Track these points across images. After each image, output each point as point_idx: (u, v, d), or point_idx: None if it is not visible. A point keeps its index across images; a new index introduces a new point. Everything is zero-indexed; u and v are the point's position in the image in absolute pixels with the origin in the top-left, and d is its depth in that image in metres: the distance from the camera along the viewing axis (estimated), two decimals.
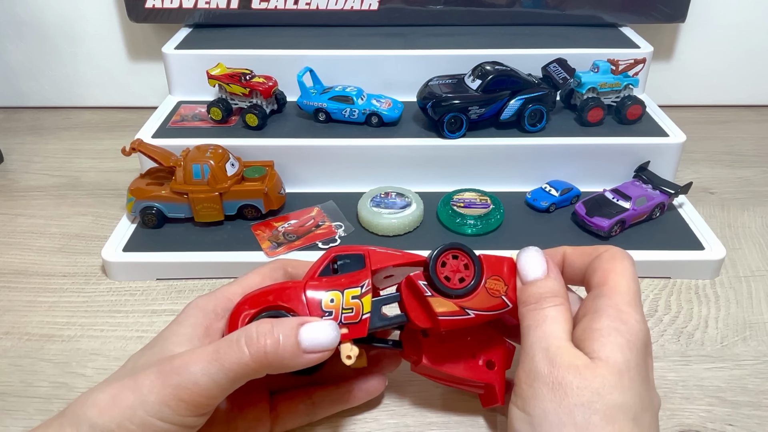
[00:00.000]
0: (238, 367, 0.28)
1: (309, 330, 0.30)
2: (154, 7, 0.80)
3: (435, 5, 0.81)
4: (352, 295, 0.33)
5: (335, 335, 0.30)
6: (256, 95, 0.67)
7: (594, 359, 0.28)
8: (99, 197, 0.69)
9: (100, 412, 0.28)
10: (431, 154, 0.64)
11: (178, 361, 0.29)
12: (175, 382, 0.28)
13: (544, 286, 0.33)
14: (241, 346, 0.29)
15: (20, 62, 0.90)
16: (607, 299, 0.31)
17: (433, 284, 0.34)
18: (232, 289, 0.36)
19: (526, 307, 0.33)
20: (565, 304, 0.32)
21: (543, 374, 0.28)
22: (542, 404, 0.27)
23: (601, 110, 0.66)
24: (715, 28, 0.87)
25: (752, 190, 0.71)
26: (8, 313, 0.52)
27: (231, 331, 0.32)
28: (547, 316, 0.31)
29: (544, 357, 0.29)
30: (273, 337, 0.29)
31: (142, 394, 0.28)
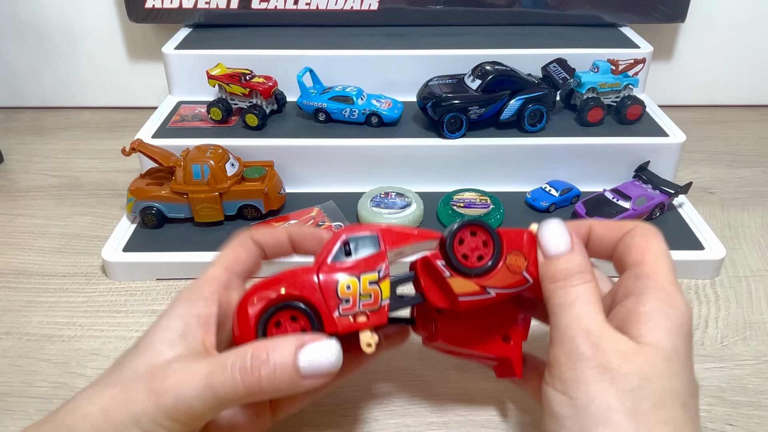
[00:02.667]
0: (232, 396, 0.28)
1: (309, 353, 0.28)
2: (154, 7, 0.80)
3: (435, 5, 0.81)
4: (369, 280, 0.31)
5: (337, 358, 0.29)
6: (256, 95, 0.67)
7: (642, 344, 0.27)
8: (99, 197, 0.69)
9: (92, 427, 0.27)
10: (431, 154, 0.64)
11: (170, 380, 0.28)
12: (168, 403, 0.27)
13: (572, 261, 0.31)
14: (236, 375, 0.27)
15: (20, 62, 0.90)
16: (651, 280, 0.29)
17: (450, 263, 0.32)
18: (212, 270, 0.34)
19: (553, 283, 0.31)
20: (594, 281, 0.30)
21: (587, 357, 0.27)
22: (587, 388, 0.26)
23: (601, 110, 0.66)
24: (715, 28, 0.87)
25: (752, 190, 0.71)
26: (8, 313, 0.52)
27: (240, 328, 0.31)
28: (580, 294, 0.29)
29: (586, 339, 0.27)
30: (268, 368, 0.28)
31: (134, 412, 0.27)
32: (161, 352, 0.29)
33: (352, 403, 0.43)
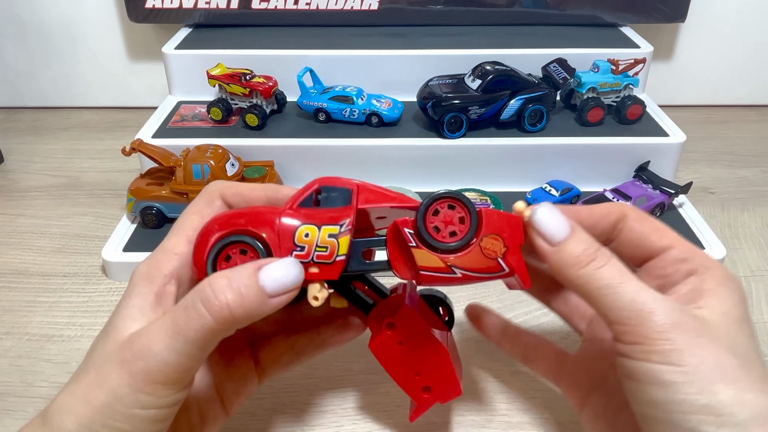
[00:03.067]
0: (203, 334, 0.26)
1: (269, 272, 0.27)
2: (154, 7, 0.80)
3: (435, 5, 0.81)
4: (329, 233, 0.30)
5: (298, 271, 0.28)
6: (256, 95, 0.67)
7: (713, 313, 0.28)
8: (99, 197, 0.69)
9: (76, 419, 0.26)
10: (431, 154, 0.64)
11: (137, 344, 0.27)
12: (141, 367, 0.26)
13: (586, 240, 0.30)
14: (200, 310, 0.26)
15: (20, 62, 0.90)
16: (702, 259, 0.30)
17: (419, 234, 0.30)
18: (172, 242, 0.31)
19: (582, 268, 0.29)
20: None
21: (678, 324, 0.26)
22: (694, 352, 0.26)
23: (601, 110, 0.66)
24: (715, 28, 0.87)
25: (752, 190, 0.71)
26: (8, 313, 0.52)
27: (199, 255, 0.30)
28: (620, 269, 0.28)
29: (666, 308, 0.27)
30: (233, 291, 0.26)
31: (112, 389, 0.26)
32: (125, 328, 0.28)
33: (352, 403, 0.43)
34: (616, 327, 0.28)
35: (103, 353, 0.28)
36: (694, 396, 0.25)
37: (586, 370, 0.36)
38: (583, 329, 0.37)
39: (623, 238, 0.32)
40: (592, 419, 0.34)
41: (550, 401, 0.43)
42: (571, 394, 0.36)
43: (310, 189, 0.31)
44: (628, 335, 0.27)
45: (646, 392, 0.27)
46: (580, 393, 0.35)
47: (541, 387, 0.44)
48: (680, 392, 0.26)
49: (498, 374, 0.45)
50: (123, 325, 0.28)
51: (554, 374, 0.38)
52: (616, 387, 0.32)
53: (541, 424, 0.41)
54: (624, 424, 0.32)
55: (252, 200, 0.33)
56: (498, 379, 0.45)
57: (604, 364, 0.34)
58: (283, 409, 0.43)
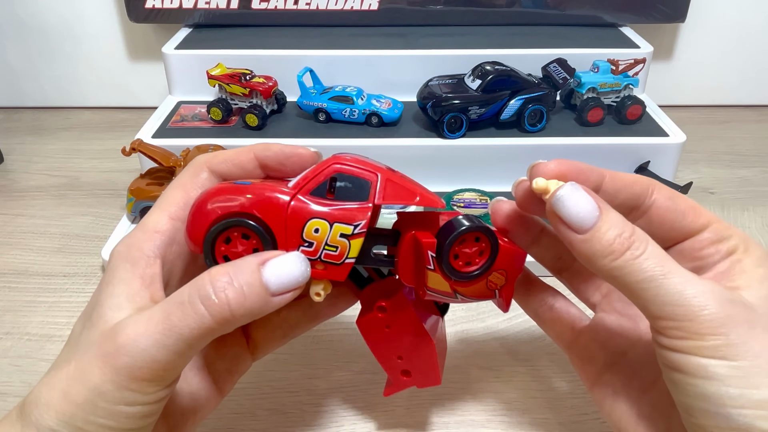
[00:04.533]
0: (199, 333, 0.25)
1: (273, 269, 0.25)
2: (154, 7, 0.80)
3: (435, 5, 0.81)
4: (341, 232, 0.27)
5: (304, 268, 0.26)
6: (256, 95, 0.67)
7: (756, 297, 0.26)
8: (99, 197, 0.69)
9: (56, 414, 0.25)
10: (431, 154, 0.64)
11: (122, 337, 0.25)
12: (126, 363, 0.24)
13: (617, 222, 0.26)
14: (198, 308, 0.25)
15: (20, 62, 0.89)
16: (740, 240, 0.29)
17: (439, 257, 0.30)
18: (153, 219, 0.29)
19: (618, 258, 0.26)
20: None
21: (730, 317, 0.25)
22: (748, 345, 0.25)
23: (601, 110, 0.66)
24: (715, 28, 0.87)
25: (752, 190, 0.71)
26: (8, 313, 0.52)
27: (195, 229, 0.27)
28: (661, 256, 0.26)
29: (715, 301, 0.25)
30: (235, 290, 0.25)
31: (94, 385, 0.25)
32: (112, 318, 0.26)
33: (352, 403, 0.43)
34: (660, 322, 0.26)
35: (86, 344, 0.26)
36: (750, 390, 0.24)
37: (601, 345, 0.33)
38: (597, 301, 0.35)
39: (654, 215, 0.29)
40: (608, 397, 0.32)
41: (551, 401, 0.43)
42: (583, 368, 0.34)
43: (325, 172, 0.28)
44: (675, 331, 0.25)
45: (696, 385, 0.25)
46: (594, 368, 0.33)
47: (541, 387, 0.44)
48: (735, 386, 0.24)
49: (498, 374, 0.45)
50: (110, 315, 0.26)
51: (566, 342, 0.35)
52: (638, 365, 0.31)
53: (541, 424, 0.41)
54: (650, 405, 0.30)
55: (241, 163, 0.31)
56: (498, 379, 0.45)
57: (624, 341, 0.33)
58: (283, 409, 0.43)
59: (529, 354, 0.47)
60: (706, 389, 0.25)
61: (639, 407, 0.30)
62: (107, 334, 0.26)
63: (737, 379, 0.24)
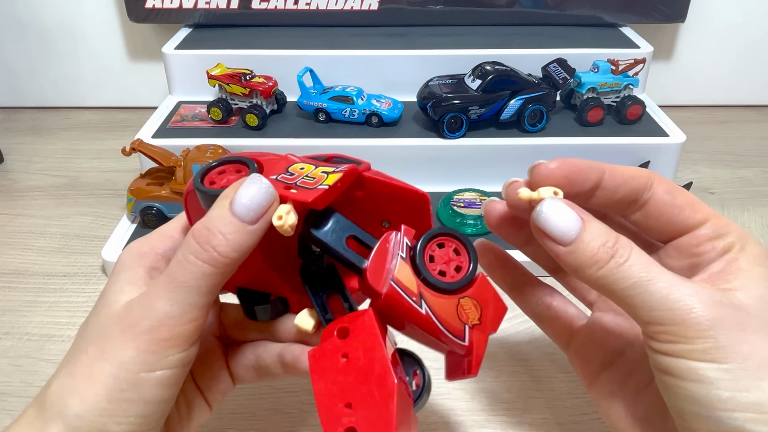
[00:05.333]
0: (204, 280, 0.26)
1: (238, 200, 0.26)
2: (154, 7, 0.80)
3: (435, 5, 0.81)
4: (323, 169, 0.28)
5: (265, 186, 0.26)
6: (256, 95, 0.67)
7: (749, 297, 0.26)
8: (99, 197, 0.69)
9: (81, 399, 0.26)
10: (431, 154, 0.64)
11: (137, 308, 0.27)
12: (145, 327, 0.26)
13: (601, 232, 0.27)
14: (193, 261, 0.26)
15: (20, 62, 0.90)
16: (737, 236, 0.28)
17: (413, 252, 0.28)
18: (170, 225, 0.32)
19: (603, 267, 0.26)
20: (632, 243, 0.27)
21: (719, 319, 0.25)
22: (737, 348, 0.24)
23: (601, 110, 0.66)
24: (715, 28, 0.87)
25: (752, 190, 0.71)
26: (8, 313, 0.52)
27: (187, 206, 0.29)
28: (645, 262, 0.26)
29: (703, 303, 0.25)
30: (215, 237, 0.26)
31: (116, 357, 0.26)
32: (118, 301, 0.28)
33: None
34: (649, 327, 0.26)
35: (98, 329, 0.27)
36: (740, 393, 0.24)
37: (598, 345, 0.33)
38: (594, 300, 0.35)
39: (651, 210, 0.29)
40: (605, 397, 0.32)
41: (550, 401, 0.43)
42: (581, 368, 0.34)
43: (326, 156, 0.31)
44: (665, 335, 0.25)
45: (686, 388, 0.25)
46: (591, 368, 0.33)
47: (541, 387, 0.44)
48: (725, 389, 0.24)
49: (498, 374, 0.45)
50: (114, 299, 0.28)
51: (564, 342, 0.35)
52: (635, 365, 0.31)
53: (541, 424, 0.41)
54: (646, 406, 0.30)
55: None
56: (498, 379, 0.45)
57: (621, 341, 0.32)
58: (283, 409, 0.43)
59: (528, 354, 0.47)
60: (696, 392, 0.25)
61: (635, 408, 0.30)
62: (122, 311, 0.27)
63: (727, 382, 0.24)
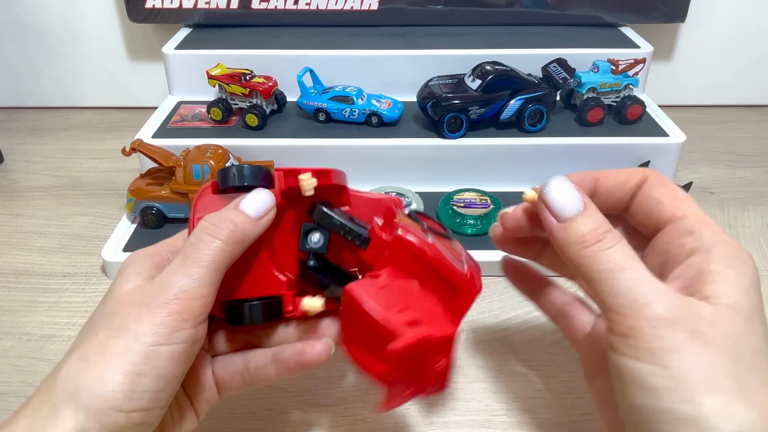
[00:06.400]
0: (216, 256, 0.29)
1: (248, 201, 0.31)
2: (154, 7, 0.80)
3: (435, 5, 0.81)
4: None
5: (270, 195, 0.31)
6: (256, 95, 0.67)
7: (719, 305, 0.25)
8: (99, 197, 0.69)
9: (95, 375, 0.25)
10: (431, 154, 0.64)
11: (151, 287, 0.28)
12: (161, 301, 0.27)
13: (597, 219, 0.27)
14: (206, 239, 0.29)
15: (20, 62, 0.90)
16: (711, 234, 0.27)
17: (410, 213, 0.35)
18: (176, 237, 0.35)
19: (587, 248, 0.27)
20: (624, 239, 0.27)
21: (675, 322, 0.24)
22: (684, 355, 0.24)
23: (601, 110, 0.66)
24: (715, 28, 0.87)
25: (752, 190, 0.71)
26: (8, 313, 0.52)
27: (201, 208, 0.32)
28: (626, 254, 0.26)
29: (665, 302, 0.25)
30: (224, 219, 0.30)
31: (130, 331, 0.27)
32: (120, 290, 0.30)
33: (352, 402, 0.43)
34: (609, 315, 0.26)
35: (108, 314, 0.28)
36: (678, 405, 0.23)
37: (595, 350, 0.33)
38: None
39: (636, 204, 0.30)
40: (597, 401, 0.32)
41: (550, 401, 0.43)
42: (584, 369, 0.34)
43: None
44: (620, 325, 0.25)
45: (630, 395, 0.25)
46: (590, 371, 0.33)
47: (541, 387, 0.44)
48: (664, 399, 0.24)
49: (498, 374, 0.45)
50: (123, 287, 0.29)
51: (576, 343, 0.36)
52: None
53: (541, 424, 0.41)
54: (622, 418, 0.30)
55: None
56: (498, 379, 0.45)
57: None
58: (283, 409, 0.43)
59: (529, 354, 0.47)
60: (638, 399, 0.25)
61: (616, 417, 0.30)
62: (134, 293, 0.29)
63: (667, 392, 0.24)
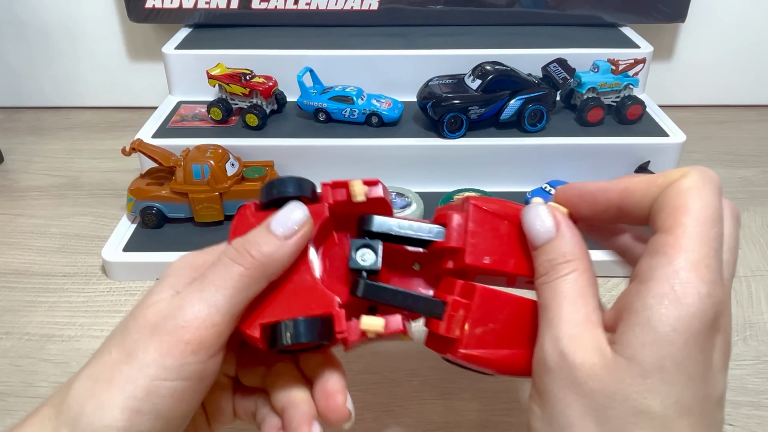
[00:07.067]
0: (233, 282, 0.27)
1: (277, 218, 0.29)
2: (154, 7, 0.80)
3: (435, 5, 0.81)
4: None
5: (302, 209, 0.29)
6: (256, 95, 0.67)
7: (616, 355, 0.23)
8: (99, 197, 0.69)
9: (98, 404, 0.25)
10: (431, 154, 0.64)
11: (167, 307, 0.27)
12: (171, 326, 0.26)
13: (553, 250, 0.26)
14: (227, 262, 0.28)
15: (20, 62, 0.90)
16: (665, 259, 0.23)
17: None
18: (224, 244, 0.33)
19: (537, 279, 0.27)
20: (581, 269, 0.26)
21: (553, 368, 0.24)
22: (555, 402, 0.24)
23: (601, 110, 0.66)
24: (715, 28, 0.87)
25: (752, 190, 0.71)
26: (8, 313, 0.52)
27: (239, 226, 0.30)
28: (558, 290, 0.25)
29: (554, 347, 0.24)
30: (250, 243, 0.28)
31: (138, 359, 0.25)
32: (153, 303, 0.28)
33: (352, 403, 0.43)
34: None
35: (126, 329, 0.27)
36: None
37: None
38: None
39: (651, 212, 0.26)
40: None
41: None
42: None
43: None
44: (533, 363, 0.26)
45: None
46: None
47: None
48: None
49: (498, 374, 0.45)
50: (151, 301, 0.28)
51: None
52: None
53: None
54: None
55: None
56: (498, 379, 0.45)
57: None
58: None
59: None
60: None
61: None
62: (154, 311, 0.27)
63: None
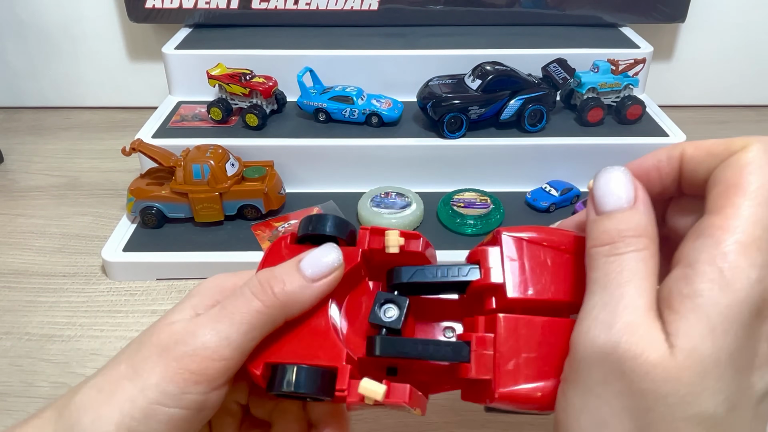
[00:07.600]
0: (250, 317, 0.26)
1: (308, 258, 0.28)
2: (154, 7, 0.80)
3: (435, 5, 0.81)
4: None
5: (337, 253, 0.28)
6: (256, 95, 0.67)
7: (673, 347, 0.20)
8: (99, 197, 0.69)
9: (95, 417, 0.24)
10: (431, 154, 0.64)
11: (180, 331, 0.26)
12: (179, 352, 0.25)
13: (627, 220, 0.23)
14: (248, 295, 0.27)
15: (20, 62, 0.90)
16: (712, 241, 0.21)
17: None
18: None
19: (595, 248, 0.23)
20: (651, 249, 0.22)
21: (597, 359, 0.21)
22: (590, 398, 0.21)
23: (601, 110, 0.66)
24: (714, 28, 0.87)
25: None
26: (8, 313, 0.52)
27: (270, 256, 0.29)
28: (625, 266, 0.22)
29: (605, 334, 0.21)
30: (276, 278, 0.27)
31: (141, 378, 0.25)
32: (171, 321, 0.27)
33: None
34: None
35: (139, 345, 0.26)
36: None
37: None
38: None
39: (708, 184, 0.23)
40: None
41: None
42: None
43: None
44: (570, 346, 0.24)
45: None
46: None
47: None
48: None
49: None
50: (171, 320, 0.27)
51: None
52: None
53: (541, 424, 0.41)
54: None
55: None
56: None
57: None
58: None
59: None
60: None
61: None
62: (168, 332, 0.26)
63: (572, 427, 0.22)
